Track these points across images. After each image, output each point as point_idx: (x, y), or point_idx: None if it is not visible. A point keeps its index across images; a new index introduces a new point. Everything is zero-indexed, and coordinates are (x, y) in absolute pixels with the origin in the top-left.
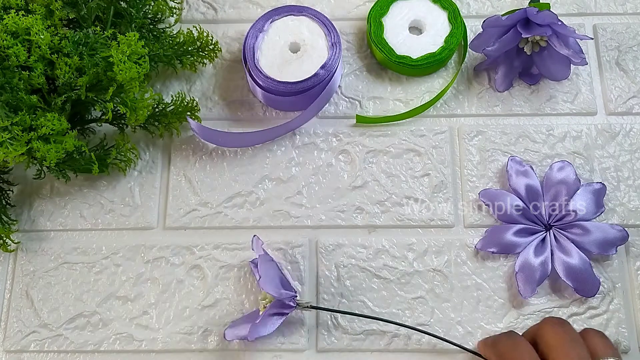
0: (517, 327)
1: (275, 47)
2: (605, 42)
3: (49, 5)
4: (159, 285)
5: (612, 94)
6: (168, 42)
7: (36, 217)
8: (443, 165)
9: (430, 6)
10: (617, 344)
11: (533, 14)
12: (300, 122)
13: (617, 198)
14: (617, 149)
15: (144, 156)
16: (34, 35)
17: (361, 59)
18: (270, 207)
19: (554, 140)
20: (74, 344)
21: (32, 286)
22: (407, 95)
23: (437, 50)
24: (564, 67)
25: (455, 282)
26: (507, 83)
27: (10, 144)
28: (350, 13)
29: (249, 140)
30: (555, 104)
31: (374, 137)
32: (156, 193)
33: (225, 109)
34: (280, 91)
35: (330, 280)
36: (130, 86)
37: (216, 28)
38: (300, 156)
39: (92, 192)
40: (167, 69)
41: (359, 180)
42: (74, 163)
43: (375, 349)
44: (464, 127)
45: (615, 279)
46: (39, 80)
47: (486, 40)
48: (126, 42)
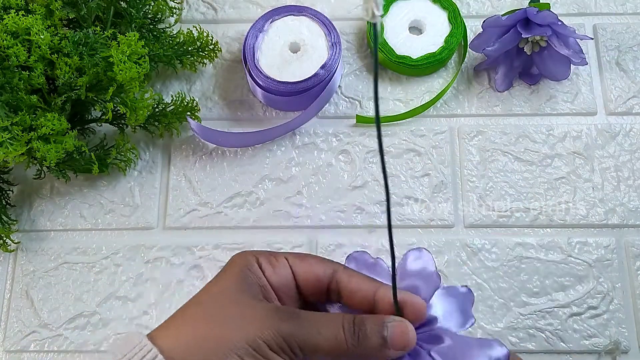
0: (517, 327)
1: (275, 47)
2: (605, 42)
3: (49, 5)
4: (159, 285)
5: (612, 94)
6: (168, 42)
7: (36, 217)
8: (443, 165)
9: (430, 6)
10: (617, 344)
11: (533, 14)
12: (300, 122)
13: (617, 198)
14: (617, 149)
15: (144, 156)
16: (34, 35)
17: (361, 59)
18: (270, 207)
19: (554, 140)
20: (74, 344)
21: (32, 286)
22: (407, 95)
23: (437, 50)
24: (564, 67)
25: (455, 283)
26: (507, 83)
27: (10, 144)
28: (350, 13)
29: (249, 140)
30: (555, 104)
31: (374, 137)
32: (156, 193)
33: (225, 109)
34: (280, 91)
35: None
36: (130, 86)
37: (216, 28)
38: (300, 156)
39: (92, 192)
40: (167, 69)
41: (359, 180)
42: (74, 163)
43: None
44: (464, 127)
45: (615, 279)
46: (39, 80)
47: (486, 40)
48: (126, 42)
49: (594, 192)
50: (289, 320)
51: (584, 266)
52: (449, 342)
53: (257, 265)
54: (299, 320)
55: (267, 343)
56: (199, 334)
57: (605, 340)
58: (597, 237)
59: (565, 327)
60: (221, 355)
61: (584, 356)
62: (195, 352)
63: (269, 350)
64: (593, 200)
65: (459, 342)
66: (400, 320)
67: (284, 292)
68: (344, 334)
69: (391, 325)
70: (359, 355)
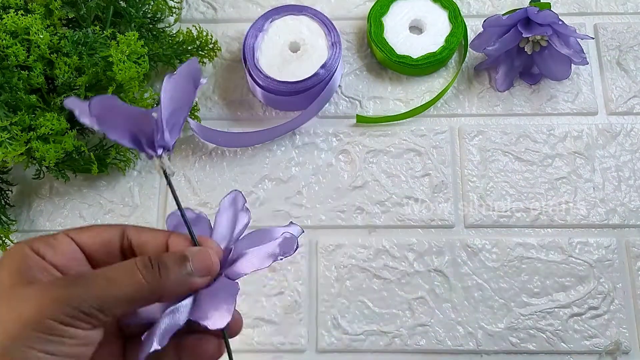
0: (518, 327)
1: (275, 46)
2: (606, 42)
3: (48, 5)
4: None
5: (613, 94)
6: (167, 42)
7: (35, 217)
8: (443, 165)
9: (430, 5)
10: (618, 344)
11: (534, 14)
12: (300, 122)
13: (618, 198)
14: (617, 148)
15: (144, 156)
16: (33, 35)
17: (361, 58)
18: (270, 207)
19: (555, 140)
20: None
21: None
22: (407, 95)
23: (438, 50)
24: (564, 67)
25: (455, 283)
26: (508, 83)
27: (9, 144)
28: (351, 12)
29: (249, 140)
30: (556, 103)
31: (374, 137)
32: (156, 193)
33: (225, 108)
34: (280, 91)
35: (330, 281)
36: (130, 86)
37: (216, 27)
38: (300, 156)
39: (91, 192)
40: (167, 69)
41: (359, 180)
42: (73, 163)
43: (375, 349)
44: (464, 127)
45: (616, 279)
46: (38, 80)
47: (487, 39)
48: (125, 42)
49: (594, 192)
50: (75, 285)
51: (584, 266)
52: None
53: (32, 252)
54: (86, 280)
55: (55, 319)
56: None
57: (606, 341)
58: (598, 237)
59: (566, 327)
60: (11, 354)
61: (584, 357)
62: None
63: (61, 326)
64: (594, 201)
65: (254, 238)
66: (199, 248)
67: (74, 268)
68: (140, 273)
69: (191, 251)
70: (164, 293)
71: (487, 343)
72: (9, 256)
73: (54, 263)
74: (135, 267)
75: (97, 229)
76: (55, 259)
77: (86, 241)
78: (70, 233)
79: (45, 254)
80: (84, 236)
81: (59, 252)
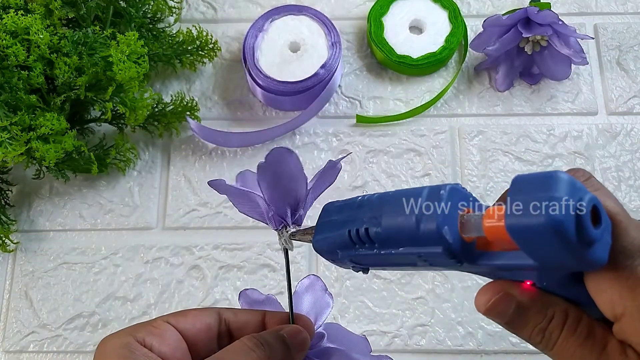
0: None
1: (275, 46)
2: (606, 42)
3: (48, 5)
4: (159, 285)
5: (613, 94)
6: (167, 42)
7: (35, 217)
8: (443, 165)
9: (430, 5)
10: None
11: (534, 14)
12: (300, 122)
13: (618, 198)
14: (618, 148)
15: (144, 156)
16: (33, 35)
17: (361, 58)
18: None
19: (555, 140)
20: (73, 345)
21: (31, 286)
22: (407, 95)
23: (438, 50)
24: (564, 67)
25: (455, 282)
26: (508, 83)
27: (9, 144)
28: (351, 12)
29: (249, 140)
30: (556, 103)
31: (374, 137)
32: (155, 193)
33: (225, 108)
34: (280, 91)
35: (330, 281)
36: (130, 86)
37: (216, 27)
38: (300, 156)
39: (91, 192)
40: (167, 69)
41: (359, 180)
42: (73, 163)
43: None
44: (464, 127)
45: None
46: (38, 80)
47: (487, 39)
48: (125, 42)
49: None
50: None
51: None
52: (337, 356)
53: (137, 343)
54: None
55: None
56: None
57: None
58: None
59: None
60: None
61: None
62: None
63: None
64: None
65: (344, 356)
66: (291, 325)
67: (178, 357)
68: (255, 353)
69: (286, 328)
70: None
71: (487, 343)
72: (112, 349)
73: (162, 354)
74: (248, 348)
75: (194, 313)
76: (163, 350)
77: (188, 328)
78: (170, 320)
79: (152, 344)
80: (186, 323)
81: (165, 342)
